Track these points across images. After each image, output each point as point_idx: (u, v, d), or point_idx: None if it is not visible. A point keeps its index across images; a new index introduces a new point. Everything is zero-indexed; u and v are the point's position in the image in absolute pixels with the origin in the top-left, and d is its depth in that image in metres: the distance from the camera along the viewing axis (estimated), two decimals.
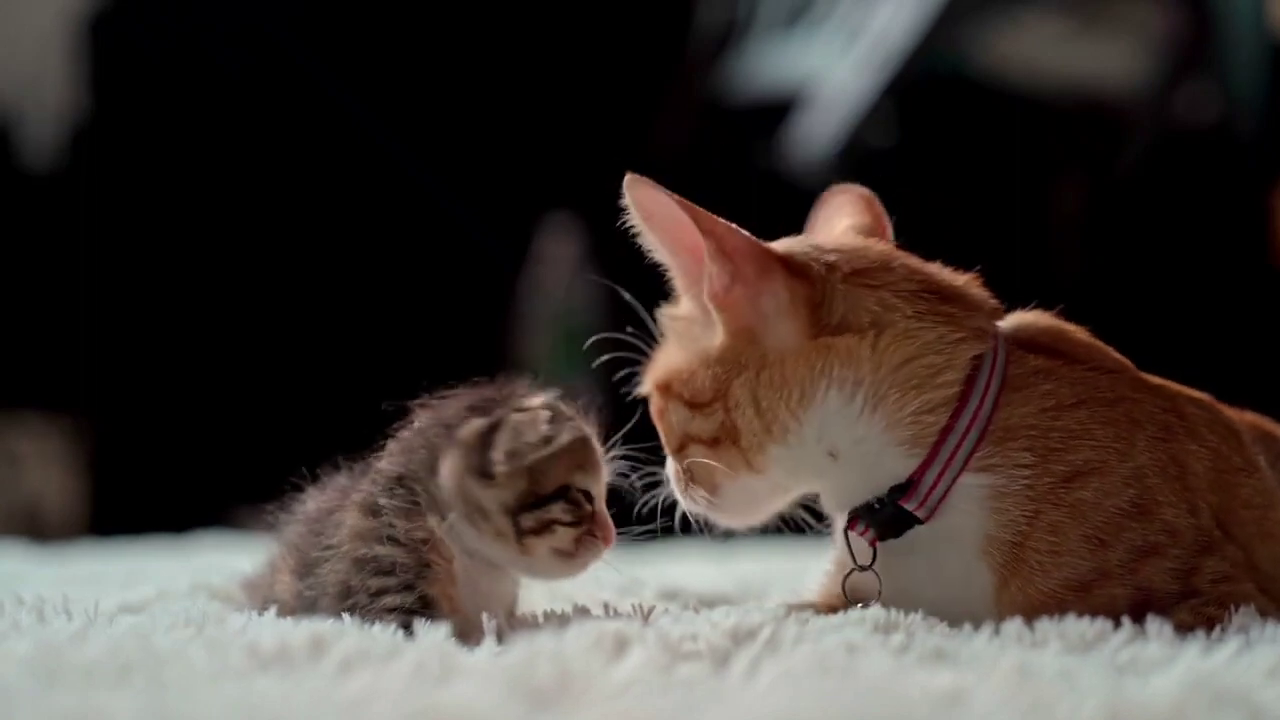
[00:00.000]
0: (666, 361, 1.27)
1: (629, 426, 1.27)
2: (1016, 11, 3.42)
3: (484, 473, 1.18)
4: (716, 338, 1.22)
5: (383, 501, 1.21)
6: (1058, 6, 3.47)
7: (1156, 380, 1.24)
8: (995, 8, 3.42)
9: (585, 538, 1.19)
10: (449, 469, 1.20)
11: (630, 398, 1.31)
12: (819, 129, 3.45)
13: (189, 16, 4.14)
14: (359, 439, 1.27)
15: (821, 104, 3.47)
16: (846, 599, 1.22)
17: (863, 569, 1.21)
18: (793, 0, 3.77)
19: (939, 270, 1.24)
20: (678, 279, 1.26)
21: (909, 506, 1.17)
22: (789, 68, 3.65)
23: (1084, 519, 1.14)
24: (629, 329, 1.30)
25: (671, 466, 1.28)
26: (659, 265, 1.26)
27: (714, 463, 1.22)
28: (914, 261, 1.24)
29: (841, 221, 1.33)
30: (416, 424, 1.24)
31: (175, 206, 4.08)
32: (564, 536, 1.18)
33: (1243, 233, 3.56)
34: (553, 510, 1.18)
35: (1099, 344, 1.25)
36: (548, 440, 1.18)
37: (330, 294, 4.07)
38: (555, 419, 1.21)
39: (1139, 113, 3.52)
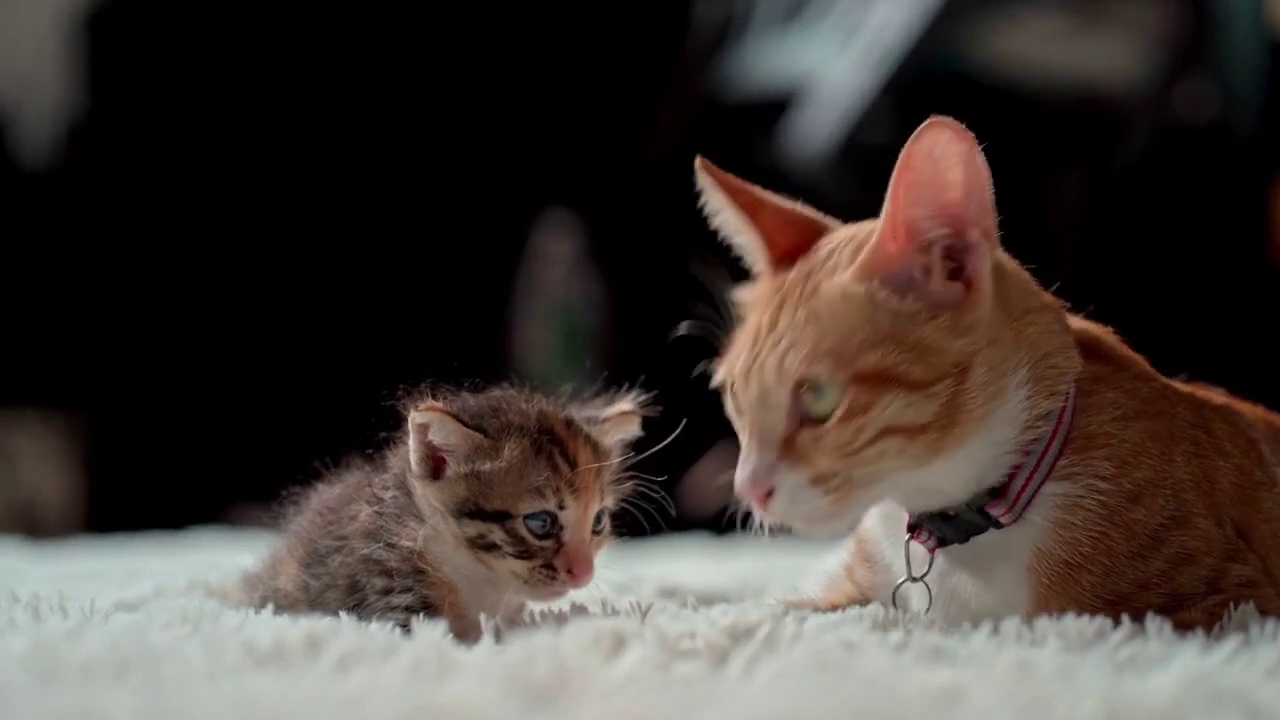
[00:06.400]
0: (862, 346, 1.06)
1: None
2: (1015, 8, 3.41)
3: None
4: (960, 306, 1.08)
5: (386, 499, 1.21)
6: (1056, 3, 3.46)
7: (1182, 387, 1.23)
8: (993, 4, 3.41)
9: (540, 571, 1.17)
10: (401, 456, 1.20)
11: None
12: (817, 125, 3.44)
13: (185, 14, 4.13)
14: (356, 437, 1.26)
15: (820, 100, 3.46)
16: (898, 610, 1.18)
17: (915, 580, 1.17)
18: None
19: None
20: (905, 236, 1.08)
21: (996, 511, 1.11)
22: (787, 64, 3.64)
23: (1134, 538, 1.11)
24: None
25: (797, 480, 1.07)
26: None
27: (907, 458, 1.06)
28: None
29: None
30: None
31: (171, 203, 4.07)
32: (517, 564, 1.16)
33: (1241, 229, 3.56)
34: (493, 531, 1.16)
35: (1126, 348, 1.22)
36: (494, 452, 1.17)
37: (327, 292, 4.06)
38: (511, 433, 1.17)
39: (1137, 109, 3.51)
